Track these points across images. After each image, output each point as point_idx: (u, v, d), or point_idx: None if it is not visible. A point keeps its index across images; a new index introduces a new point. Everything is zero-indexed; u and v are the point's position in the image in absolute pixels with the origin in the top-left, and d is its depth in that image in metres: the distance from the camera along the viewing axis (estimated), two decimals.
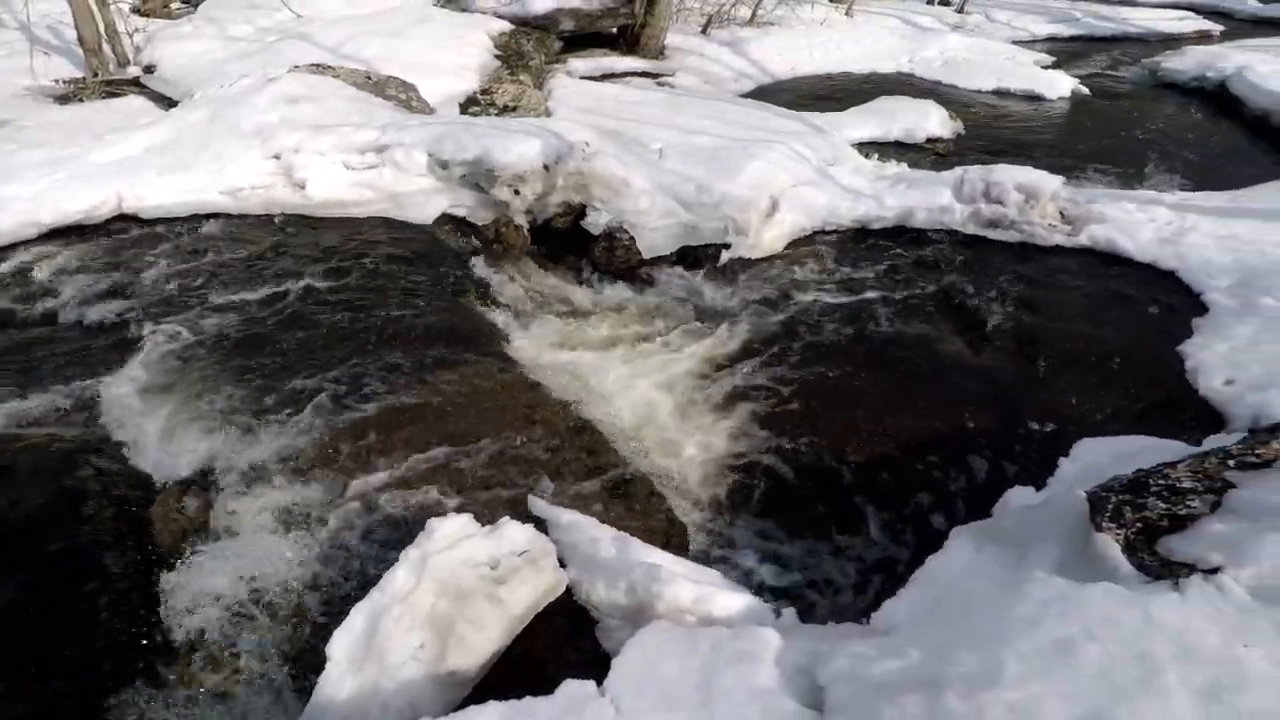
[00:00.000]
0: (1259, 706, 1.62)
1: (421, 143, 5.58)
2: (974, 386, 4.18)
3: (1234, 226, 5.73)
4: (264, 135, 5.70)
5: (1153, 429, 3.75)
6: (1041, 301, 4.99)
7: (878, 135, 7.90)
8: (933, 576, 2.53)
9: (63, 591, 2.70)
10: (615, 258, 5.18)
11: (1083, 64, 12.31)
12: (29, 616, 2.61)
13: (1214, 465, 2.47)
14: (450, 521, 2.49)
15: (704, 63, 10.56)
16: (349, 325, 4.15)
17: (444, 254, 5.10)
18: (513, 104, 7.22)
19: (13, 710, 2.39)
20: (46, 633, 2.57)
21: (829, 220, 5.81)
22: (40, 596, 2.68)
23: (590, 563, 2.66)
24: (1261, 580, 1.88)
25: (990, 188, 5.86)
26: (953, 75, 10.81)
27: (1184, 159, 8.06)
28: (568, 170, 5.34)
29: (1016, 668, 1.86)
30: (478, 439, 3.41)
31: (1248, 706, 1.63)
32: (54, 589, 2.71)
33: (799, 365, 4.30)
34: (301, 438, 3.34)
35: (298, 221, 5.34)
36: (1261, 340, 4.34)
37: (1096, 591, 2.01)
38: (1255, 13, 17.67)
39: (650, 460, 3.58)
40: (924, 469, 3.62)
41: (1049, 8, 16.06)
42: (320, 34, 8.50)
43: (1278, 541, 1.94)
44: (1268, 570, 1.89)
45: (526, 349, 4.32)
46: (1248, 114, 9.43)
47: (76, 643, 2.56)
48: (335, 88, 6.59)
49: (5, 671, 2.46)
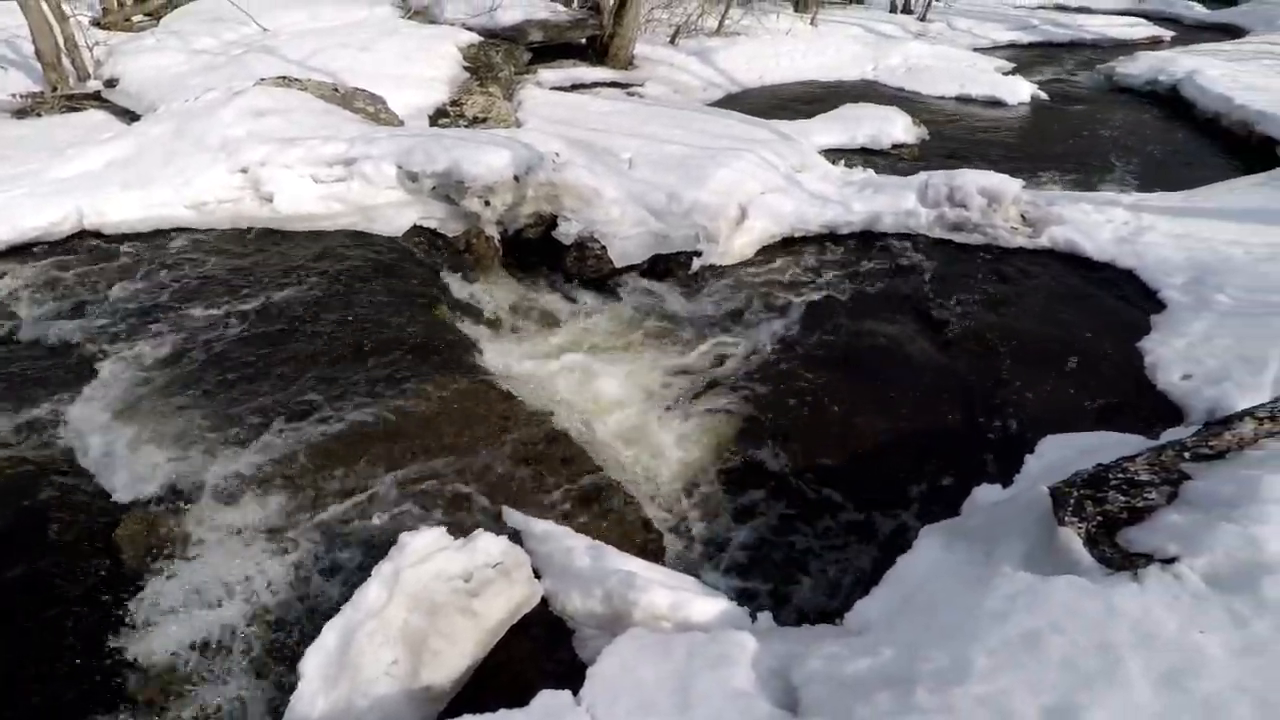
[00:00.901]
0: (1214, 691, 1.68)
1: (390, 155, 5.56)
2: (942, 387, 4.26)
3: (1188, 225, 5.90)
4: (230, 149, 5.64)
5: (1114, 424, 3.86)
6: (1006, 302, 5.10)
7: (844, 142, 8.02)
8: (903, 575, 2.57)
9: (25, 616, 2.63)
10: (587, 267, 5.20)
11: (1041, 69, 12.63)
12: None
13: (1170, 458, 2.54)
14: (422, 535, 2.48)
15: (673, 72, 10.65)
16: (319, 340, 4.11)
17: (415, 266, 5.08)
18: (482, 115, 7.21)
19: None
20: (7, 659, 2.51)
21: (798, 226, 5.88)
22: (1, 622, 2.61)
23: (565, 572, 2.66)
24: (1215, 568, 1.94)
25: (954, 192, 5.98)
26: (916, 82, 11.02)
27: (1139, 161, 8.29)
28: (538, 181, 5.35)
29: (985, 662, 1.90)
30: (450, 451, 3.40)
31: (1204, 691, 1.68)
32: (15, 613, 2.64)
33: (770, 370, 4.34)
34: (270, 454, 3.30)
35: (265, 235, 5.28)
36: (1216, 335, 4.47)
37: (1060, 584, 2.07)
38: (1202, 18, 18.26)
39: (625, 468, 3.59)
40: (895, 469, 3.68)
41: (1008, 16, 16.45)
42: (286, 47, 8.42)
43: (1230, 531, 2.00)
44: (1221, 558, 1.95)
45: (499, 360, 4.31)
46: (1198, 116, 9.73)
47: (39, 668, 2.50)
48: (302, 100, 6.54)
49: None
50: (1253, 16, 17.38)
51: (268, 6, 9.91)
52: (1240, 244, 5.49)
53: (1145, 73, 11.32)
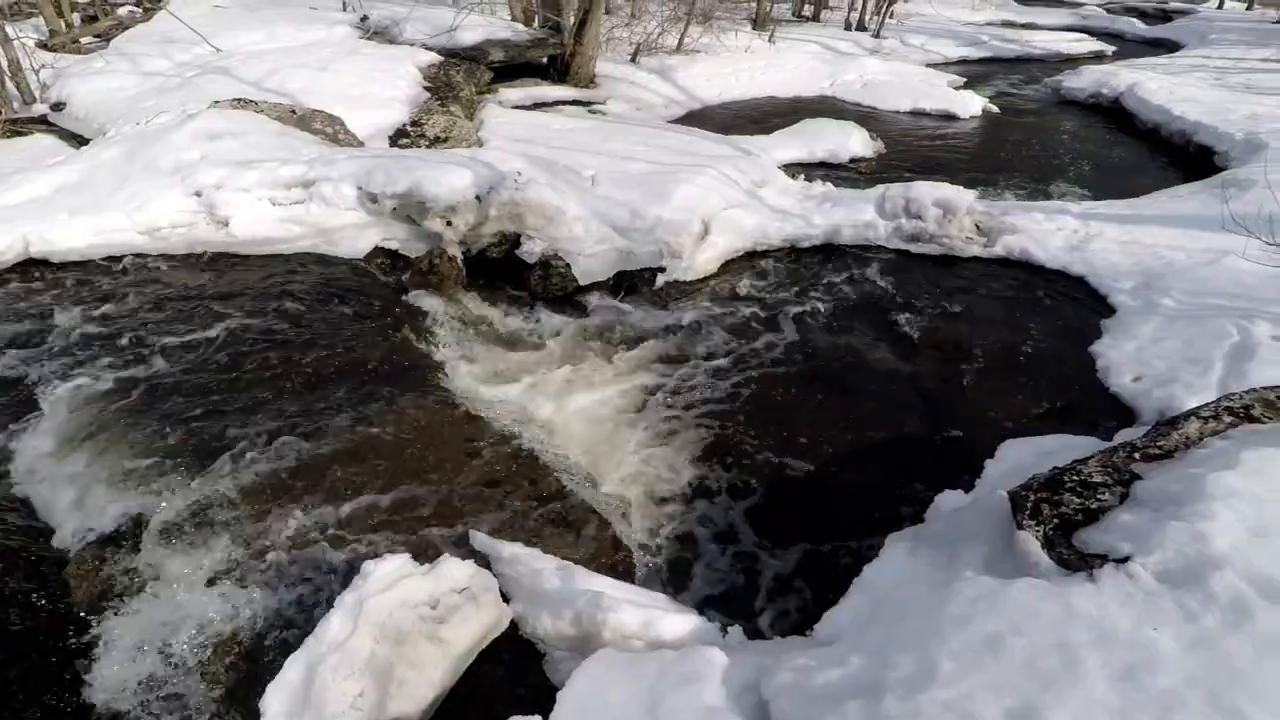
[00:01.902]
0: (1168, 685, 1.72)
1: (350, 176, 5.52)
2: (905, 395, 4.33)
3: (1134, 232, 6.12)
4: (184, 172, 5.54)
5: (1071, 426, 3.96)
6: (963, 310, 5.22)
7: (803, 156, 8.17)
8: (871, 583, 2.60)
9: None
10: (552, 285, 5.20)
11: (992, 84, 13.03)
12: None
13: (1122, 459, 2.62)
14: (386, 563, 2.44)
15: (634, 90, 10.75)
16: (277, 366, 4.04)
17: (377, 288, 5.03)
18: (444, 135, 7.19)
19: None
20: None
21: (760, 240, 5.96)
22: None
23: (534, 595, 2.64)
24: (1165, 565, 2.00)
25: (910, 204, 6.12)
26: (872, 97, 11.29)
27: (1087, 170, 8.59)
28: (501, 200, 5.35)
29: (950, 666, 1.93)
30: (415, 476, 3.35)
31: (1159, 686, 1.73)
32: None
33: (736, 383, 4.38)
34: (228, 485, 3.22)
35: (222, 260, 5.19)
36: (1163, 337, 4.63)
37: (1020, 587, 2.11)
38: (1142, 34, 19.06)
39: (593, 485, 3.58)
40: (861, 478, 3.72)
41: (959, 32, 16.94)
42: (242, 68, 8.32)
43: (1178, 529, 2.06)
44: (1170, 555, 2.01)
45: (464, 381, 4.27)
46: (1140, 127, 10.12)
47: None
48: (259, 123, 6.46)
49: None
50: (1187, 32, 18.19)
51: (222, 27, 9.80)
52: (1182, 249, 5.70)
53: (1090, 86, 11.75)
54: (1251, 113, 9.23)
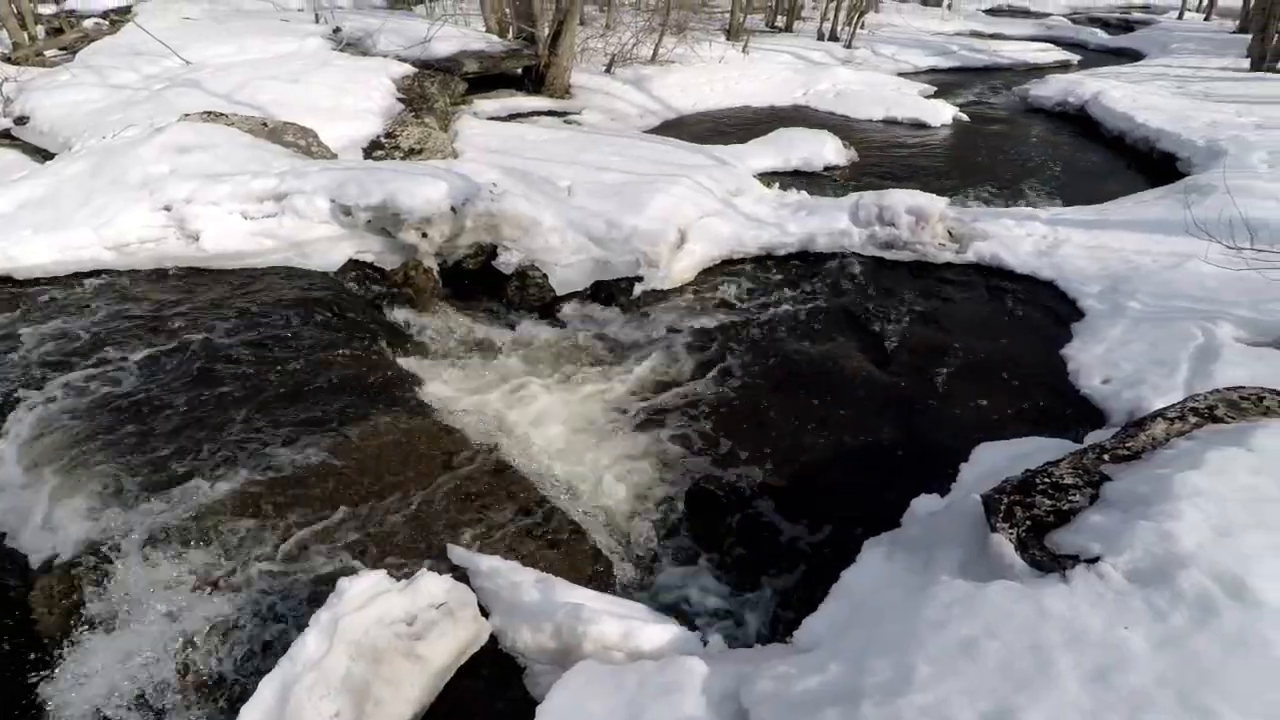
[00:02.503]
0: (1139, 685, 1.75)
1: (323, 189, 5.47)
2: (880, 401, 4.37)
3: (1100, 237, 6.25)
4: (152, 186, 5.46)
5: (1043, 428, 4.02)
6: (937, 316, 5.29)
7: (778, 165, 8.25)
8: (848, 589, 2.61)
9: None
10: (529, 296, 5.19)
11: (961, 93, 13.27)
12: None
13: (1091, 460, 2.67)
14: (362, 580, 2.41)
15: (609, 100, 10.80)
16: (250, 382, 3.98)
17: (351, 301, 4.98)
18: (418, 147, 7.17)
19: None
20: None
21: (736, 249, 6.00)
22: None
23: (513, 608, 2.62)
24: (1135, 565, 2.03)
25: (883, 211, 6.20)
26: (845, 106, 11.45)
27: (1054, 177, 8.76)
28: (476, 211, 5.34)
29: (927, 670, 1.94)
30: (392, 490, 3.32)
31: (1130, 686, 1.75)
32: None
33: (714, 391, 4.40)
34: (198, 504, 3.16)
35: (192, 275, 5.11)
36: (1131, 340, 4.72)
37: (994, 590, 2.13)
38: (1105, 43, 19.57)
39: (572, 497, 3.56)
40: (839, 484, 3.75)
41: (928, 42, 17.26)
42: (212, 81, 8.23)
43: (1146, 528, 2.10)
44: (1140, 555, 2.05)
45: (442, 393, 4.24)
46: (1105, 134, 10.36)
47: None
48: (229, 135, 6.39)
49: None
50: (1148, 41, 18.68)
51: (191, 40, 9.71)
52: (1148, 253, 5.83)
53: (1056, 94, 12.01)
54: (1211, 120, 9.49)
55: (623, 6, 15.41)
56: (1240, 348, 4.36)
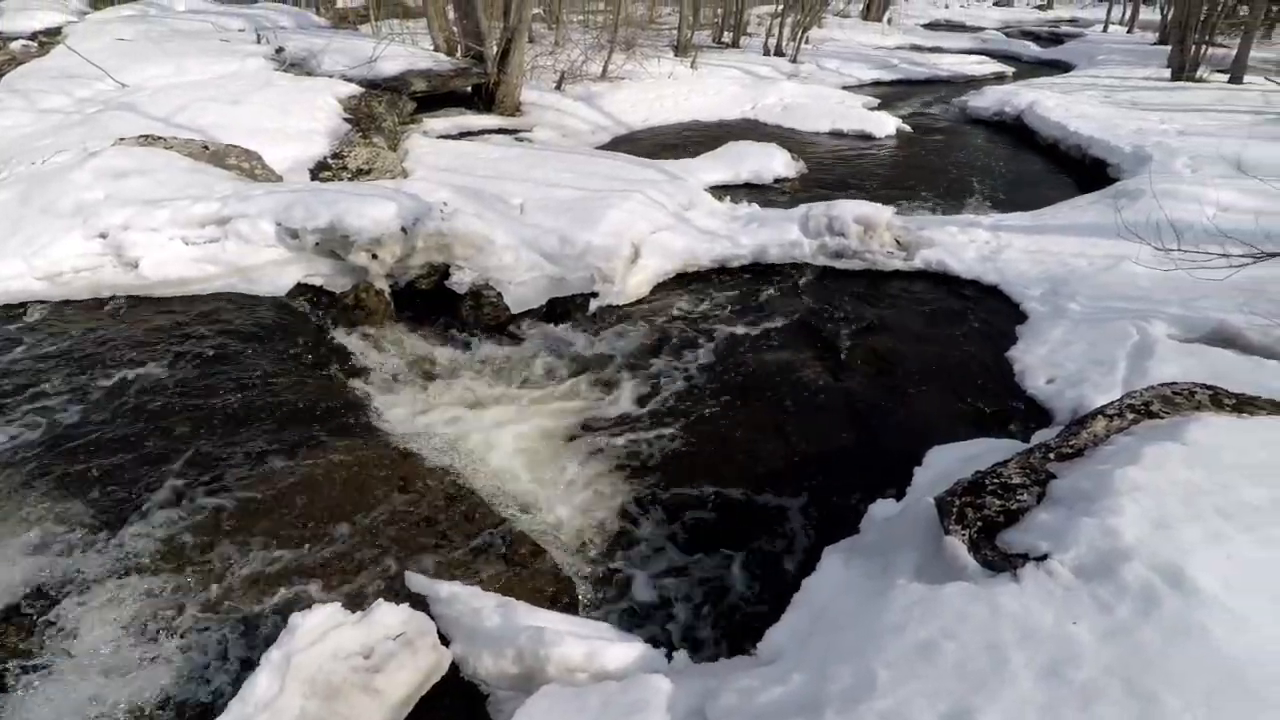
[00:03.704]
0: (1089, 677, 1.79)
1: (268, 212, 5.35)
2: (836, 408, 4.44)
3: (1040, 242, 6.48)
4: (86, 214, 5.27)
5: (992, 429, 4.14)
6: (887, 322, 5.41)
7: (729, 178, 8.37)
8: (809, 597, 2.63)
9: None
10: (483, 315, 5.14)
11: (904, 105, 13.67)
12: None
13: (1038, 460, 2.75)
14: (315, 614, 2.34)
15: (560, 117, 10.82)
16: (195, 413, 3.85)
17: (300, 326, 4.87)
18: (366, 167, 7.07)
19: None
20: None
21: (690, 262, 6.05)
22: None
23: (474, 634, 2.57)
24: (1081, 560, 2.09)
25: (832, 221, 6.33)
26: (793, 119, 11.68)
27: (995, 184, 9.06)
28: (427, 231, 5.27)
29: (886, 675, 1.96)
30: (347, 519, 3.23)
31: (1080, 678, 1.80)
32: None
33: (671, 405, 4.41)
34: (142, 544, 3.04)
35: (131, 304, 4.93)
36: (1072, 340, 4.89)
37: (950, 591, 2.17)
38: (1037, 55, 20.40)
39: (532, 517, 3.52)
40: (799, 492, 3.78)
41: (870, 56, 17.74)
42: (148, 103, 8.00)
43: (1090, 524, 2.17)
44: (1085, 551, 2.11)
45: (396, 417, 4.16)
46: (1040, 143, 10.78)
47: None
48: (168, 159, 6.21)
49: None
50: (1076, 53, 19.54)
51: (126, 62, 9.44)
52: (1084, 256, 6.06)
53: (993, 105, 12.46)
54: (1137, 127, 9.95)
55: (571, 24, 15.51)
56: (1172, 344, 4.55)
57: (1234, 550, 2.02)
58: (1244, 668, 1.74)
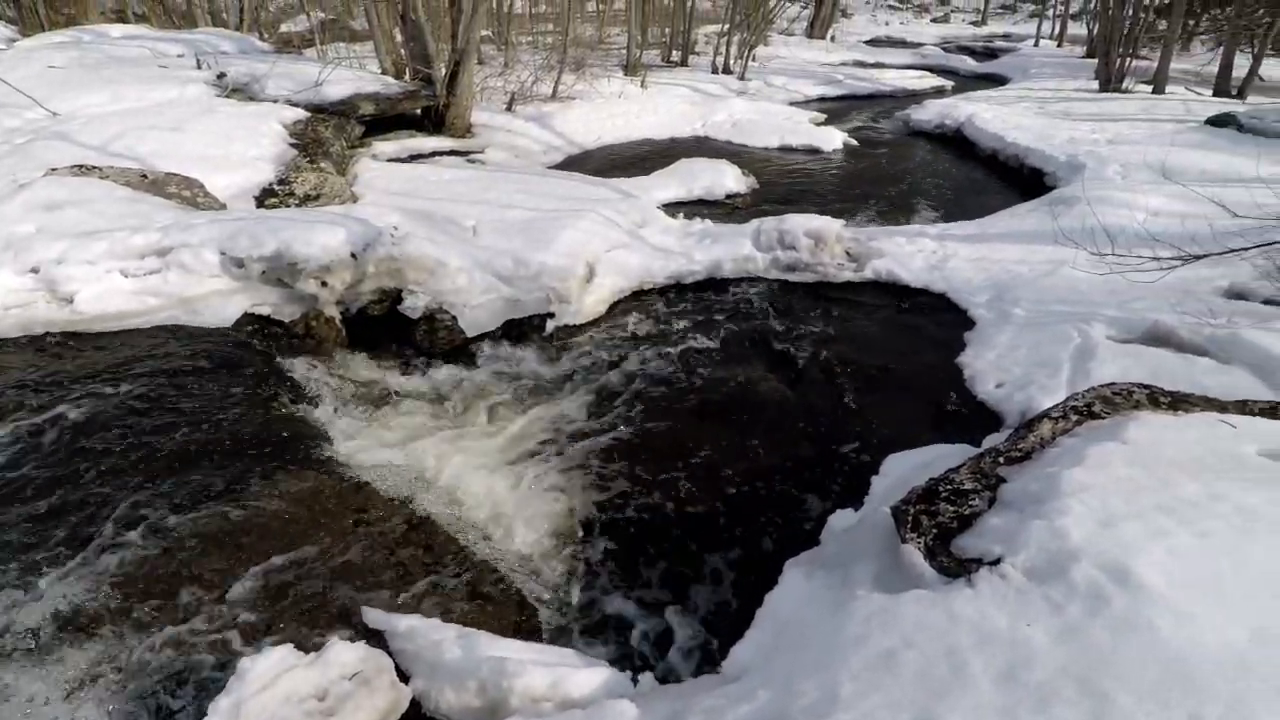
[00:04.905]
0: (1044, 678, 1.83)
1: (212, 241, 5.21)
2: (794, 420, 4.49)
3: (984, 250, 6.68)
4: (17, 248, 5.05)
5: (947, 435, 4.22)
6: (840, 333, 5.50)
7: (681, 195, 8.45)
8: (772, 612, 2.64)
9: None
10: (438, 339, 5.07)
11: (850, 119, 14.01)
12: None
13: (989, 464, 2.81)
14: (266, 657, 2.25)
15: (512, 138, 10.81)
16: (137, 451, 3.70)
17: (248, 357, 4.73)
18: (314, 193, 6.94)
19: None
20: None
21: (645, 279, 6.07)
22: None
23: (435, 668, 2.51)
24: (1032, 562, 2.14)
25: (784, 235, 6.43)
26: (742, 135, 11.88)
27: (939, 195, 9.33)
28: (378, 256, 5.20)
29: (850, 688, 1.97)
30: (299, 555, 3.13)
31: (1035, 680, 1.83)
32: None
33: (630, 424, 4.40)
34: (82, 589, 2.89)
35: (67, 341, 4.73)
36: (1018, 345, 5.04)
37: (908, 599, 2.20)
38: (974, 69, 21.16)
39: (492, 544, 3.47)
40: (759, 507, 3.80)
41: (816, 73, 18.17)
42: (83, 132, 7.73)
43: (1039, 527, 2.22)
44: (1035, 552, 2.16)
45: (350, 448, 4.07)
46: (980, 153, 11.15)
47: None
48: (105, 189, 6.01)
49: None
50: (1011, 67, 20.32)
51: (59, 89, 9.12)
52: (1025, 262, 6.27)
53: (934, 118, 12.86)
54: (1070, 137, 10.36)
55: (520, 46, 15.55)
56: (1112, 345, 4.72)
57: (1174, 545, 2.08)
58: (1189, 659, 1.79)
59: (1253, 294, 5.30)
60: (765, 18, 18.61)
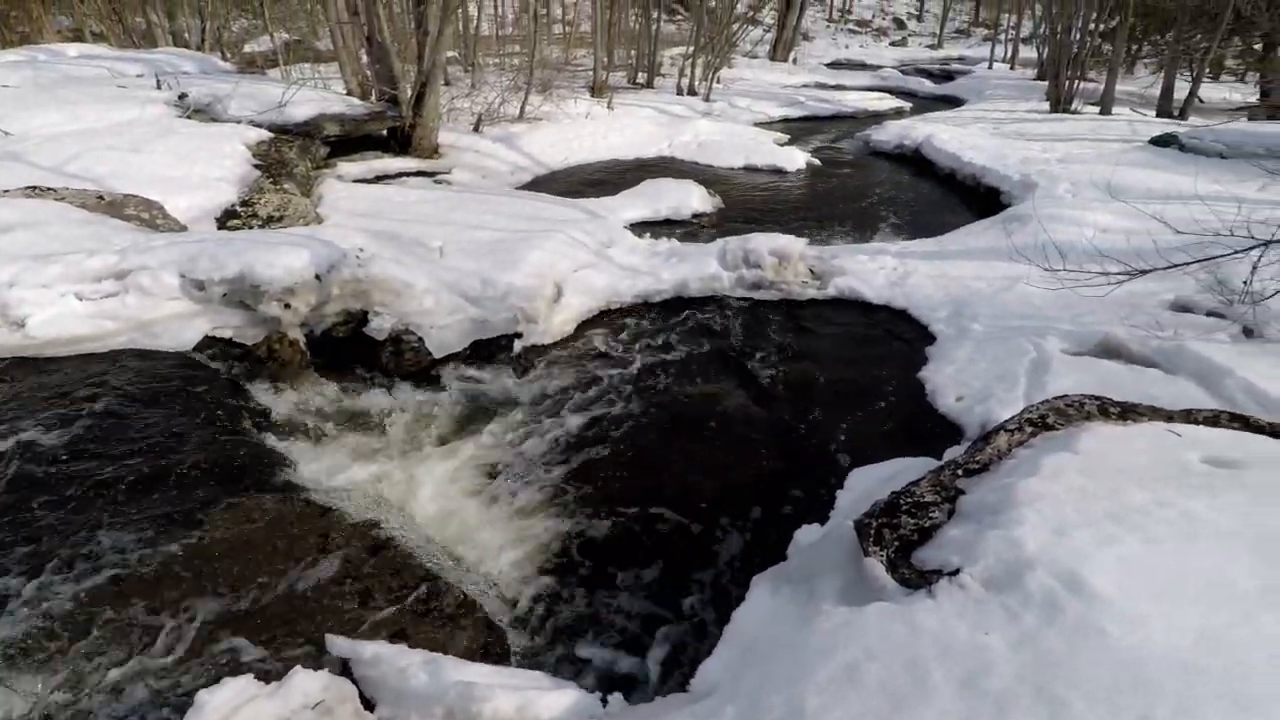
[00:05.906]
0: (1002, 686, 1.87)
1: (171, 263, 5.12)
2: (761, 436, 4.54)
3: (942, 267, 6.85)
4: None
5: (910, 448, 4.29)
6: (805, 350, 5.59)
7: (648, 215, 8.54)
8: (739, 628, 2.65)
9: None
10: (404, 361, 5.04)
11: (812, 139, 14.31)
12: None
13: (948, 477, 2.87)
14: (224, 689, 2.20)
15: (479, 158, 10.84)
16: (91, 478, 3.60)
17: (209, 381, 4.64)
18: (277, 214, 6.88)
19: None
20: None
21: (612, 299, 6.11)
22: None
23: (401, 695, 2.47)
24: (990, 572, 2.20)
25: (749, 254, 6.53)
26: (708, 156, 12.06)
27: (899, 213, 9.56)
28: (343, 278, 5.16)
29: (816, 702, 1.99)
30: (261, 582, 3.07)
31: (995, 689, 1.87)
32: None
33: (599, 443, 4.41)
34: (31, 623, 2.80)
35: (18, 366, 4.60)
36: (977, 359, 5.17)
37: (871, 612, 2.23)
38: (932, 91, 21.80)
39: (459, 567, 3.44)
40: (728, 523, 3.83)
41: (779, 94, 18.54)
42: (37, 153, 7.56)
43: (996, 536, 2.28)
44: (993, 562, 2.21)
45: (314, 472, 4.01)
46: (939, 172, 11.46)
47: None
48: (59, 211, 5.89)
49: None
50: (966, 89, 20.97)
51: (12, 109, 8.92)
52: (982, 279, 6.44)
53: (893, 139, 13.20)
54: (1024, 157, 10.71)
55: (486, 67, 15.63)
56: (1065, 358, 4.87)
57: (1123, 551, 2.15)
58: (1140, 663, 1.85)
59: (1196, 306, 5.51)
60: (729, 40, 18.97)
